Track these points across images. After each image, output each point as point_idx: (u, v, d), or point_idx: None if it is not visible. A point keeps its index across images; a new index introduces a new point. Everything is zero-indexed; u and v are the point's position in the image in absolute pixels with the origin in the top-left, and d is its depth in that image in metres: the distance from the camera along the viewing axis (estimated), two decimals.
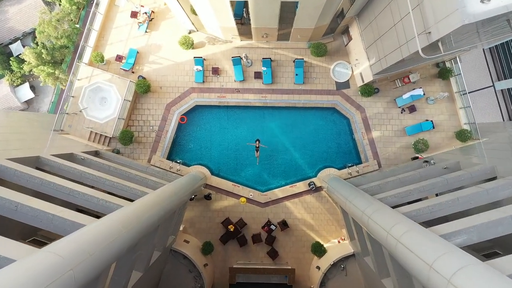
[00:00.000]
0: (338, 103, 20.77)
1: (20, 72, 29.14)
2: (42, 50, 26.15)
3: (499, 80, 29.11)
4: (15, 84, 29.92)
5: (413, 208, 11.28)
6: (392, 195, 13.56)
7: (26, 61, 26.92)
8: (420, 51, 11.34)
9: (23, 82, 30.43)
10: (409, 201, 13.61)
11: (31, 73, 28.21)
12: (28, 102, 31.10)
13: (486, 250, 13.44)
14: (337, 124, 21.51)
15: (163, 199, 13.69)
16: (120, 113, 20.05)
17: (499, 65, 29.39)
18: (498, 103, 29.60)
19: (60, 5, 27.87)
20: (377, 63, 16.81)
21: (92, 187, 14.09)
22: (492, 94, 29.57)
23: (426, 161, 18.08)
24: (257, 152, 20.25)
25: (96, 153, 18.54)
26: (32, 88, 30.43)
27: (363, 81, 19.51)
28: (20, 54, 28.02)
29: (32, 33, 30.05)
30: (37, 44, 27.53)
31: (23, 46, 29.93)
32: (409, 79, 19.70)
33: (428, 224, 11.17)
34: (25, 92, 30.33)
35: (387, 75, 18.47)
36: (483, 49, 29.47)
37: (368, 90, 19.67)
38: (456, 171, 14.67)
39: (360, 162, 20.95)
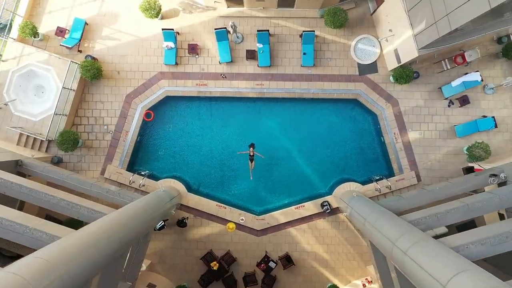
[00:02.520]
0: (362, 93, 15.12)
1: None
2: None
3: None
4: None
5: None
6: (476, 242, 7.91)
7: None
8: None
9: None
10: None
11: None
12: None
13: None
14: (360, 122, 15.85)
15: (90, 244, 8.07)
16: (59, 107, 14.38)
17: None
18: None
19: None
20: (428, 29, 11.17)
21: None
22: None
23: (494, 175, 12.41)
24: (251, 162, 14.65)
25: (17, 164, 12.88)
26: None
27: (398, 61, 13.86)
28: None
29: None
30: None
31: None
32: (463, 58, 14.05)
33: None
34: None
35: (436, 51, 12.84)
36: None
37: (406, 74, 14.01)
38: None
39: (392, 174, 15.28)
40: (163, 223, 14.28)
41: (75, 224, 12.85)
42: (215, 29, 14.54)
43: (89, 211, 10.48)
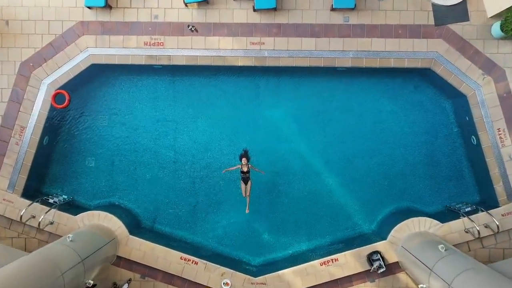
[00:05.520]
0: (439, 59, 8.49)
1: None
2: None
3: None
4: None
5: None
6: None
7: None
8: None
9: None
10: None
11: None
12: None
13: None
14: (432, 110, 9.22)
15: None
16: None
17: None
18: None
19: None
20: None
21: None
22: None
23: None
24: (245, 183, 8.19)
25: None
26: None
27: None
28: None
29: None
30: None
31: None
32: None
33: None
34: None
35: None
36: None
37: None
38: None
39: (494, 203, 8.54)
40: None
41: None
42: None
43: None
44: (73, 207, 8.97)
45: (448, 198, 9.06)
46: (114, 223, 8.54)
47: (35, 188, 9.00)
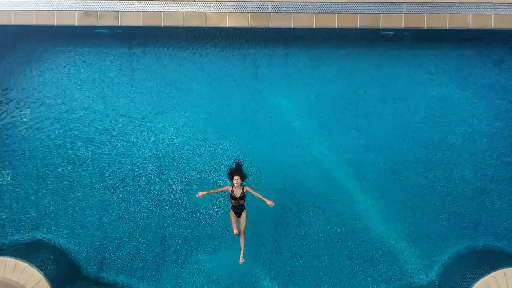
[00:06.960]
0: None
1: None
2: None
3: None
4: None
5: None
6: None
7: None
8: None
9: None
10: None
11: None
12: None
13: None
14: None
15: None
16: None
17: None
18: None
19: None
20: None
21: None
22: None
23: None
24: (237, 213, 5.20)
25: None
26: None
27: None
28: None
29: None
30: None
31: None
32: None
33: None
34: None
35: None
36: None
37: None
38: None
39: None
40: None
41: None
42: None
43: None
44: None
45: None
46: (29, 276, 5.42)
47: None
